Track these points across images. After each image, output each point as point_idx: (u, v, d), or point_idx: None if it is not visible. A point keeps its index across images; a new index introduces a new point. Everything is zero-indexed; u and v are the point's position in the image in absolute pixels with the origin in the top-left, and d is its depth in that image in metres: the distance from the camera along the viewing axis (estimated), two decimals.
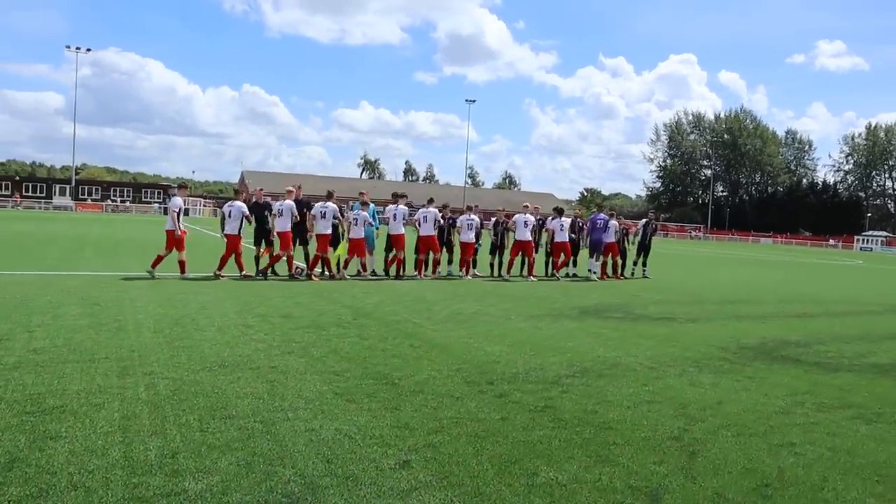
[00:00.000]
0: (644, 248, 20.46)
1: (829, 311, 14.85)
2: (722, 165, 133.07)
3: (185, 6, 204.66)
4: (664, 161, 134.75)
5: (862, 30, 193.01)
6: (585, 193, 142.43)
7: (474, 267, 18.01)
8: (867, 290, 21.58)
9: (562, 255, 18.53)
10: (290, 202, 15.22)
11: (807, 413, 6.28)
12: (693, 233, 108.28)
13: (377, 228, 17.00)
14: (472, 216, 17.79)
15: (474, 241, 17.63)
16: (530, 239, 17.80)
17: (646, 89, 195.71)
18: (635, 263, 20.43)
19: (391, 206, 16.87)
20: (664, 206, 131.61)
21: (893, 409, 6.55)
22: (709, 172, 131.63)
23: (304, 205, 15.81)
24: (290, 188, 15.90)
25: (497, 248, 18.37)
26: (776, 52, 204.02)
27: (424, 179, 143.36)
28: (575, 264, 19.88)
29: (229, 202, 15.02)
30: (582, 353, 8.48)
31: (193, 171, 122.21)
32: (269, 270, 15.17)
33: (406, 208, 17.09)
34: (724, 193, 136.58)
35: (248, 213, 14.75)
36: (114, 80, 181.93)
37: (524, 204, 18.67)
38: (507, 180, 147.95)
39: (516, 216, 17.99)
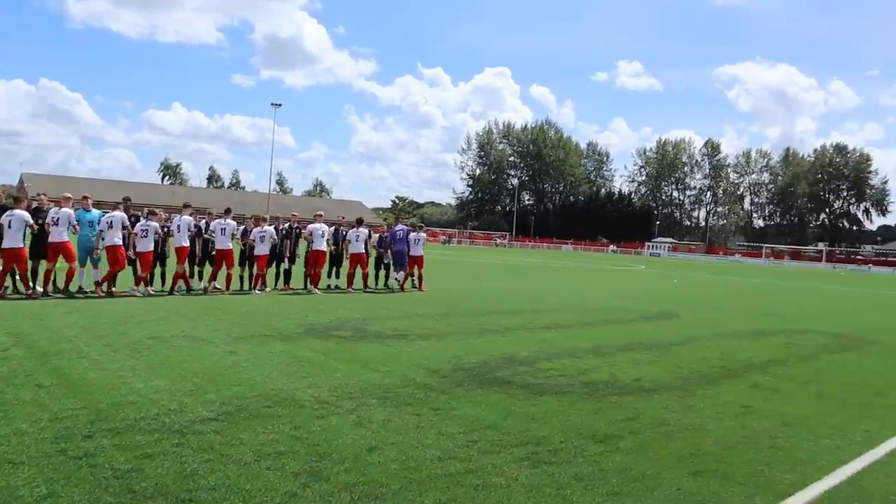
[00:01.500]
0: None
1: (583, 320, 14.51)
2: (528, 175, 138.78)
3: None
4: (474, 170, 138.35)
5: (656, 53, 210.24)
6: (397, 202, 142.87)
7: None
8: (635, 296, 22.02)
9: (358, 266, 18.04)
10: (67, 210, 13.69)
11: (470, 457, 5.18)
12: (498, 240, 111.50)
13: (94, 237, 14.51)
14: (265, 228, 16.63)
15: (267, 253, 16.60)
16: (325, 249, 17.30)
17: (462, 100, 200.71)
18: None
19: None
20: (473, 214, 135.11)
21: (576, 444, 5.64)
22: (516, 181, 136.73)
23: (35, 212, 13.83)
24: (68, 195, 14.34)
25: (288, 258, 17.47)
26: (582, 69, 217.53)
27: (230, 186, 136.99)
28: (338, 275, 18.50)
29: (8, 211, 13.05)
30: (254, 386, 7.03)
31: None
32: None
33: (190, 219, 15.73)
34: (531, 202, 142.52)
35: (31, 221, 13.12)
36: None
37: (317, 213, 18.14)
38: (317, 188, 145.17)
39: (310, 226, 17.23)
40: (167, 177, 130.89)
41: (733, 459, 5.45)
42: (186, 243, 15.37)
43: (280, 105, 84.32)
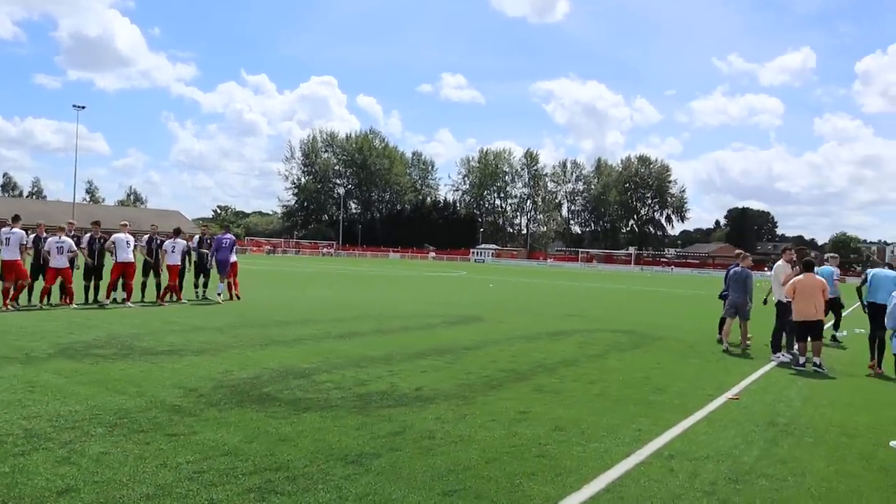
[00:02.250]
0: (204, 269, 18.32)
1: (383, 327, 14.00)
2: (354, 183, 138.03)
3: None
4: (299, 179, 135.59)
5: (478, 67, 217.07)
6: (219, 211, 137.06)
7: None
8: (445, 301, 21.88)
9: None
10: None
11: (189, 492, 4.41)
12: (324, 250, 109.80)
13: None
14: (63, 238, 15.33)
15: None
16: (132, 260, 16.28)
17: (288, 108, 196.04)
18: (196, 285, 18.12)
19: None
20: (300, 223, 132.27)
21: (323, 467, 5.03)
22: (342, 190, 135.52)
23: None
24: None
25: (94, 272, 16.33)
26: (408, 80, 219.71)
27: (30, 195, 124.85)
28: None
29: None
30: None
31: None
32: None
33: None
34: (358, 211, 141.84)
35: None
36: None
37: (122, 222, 16.94)
38: (131, 197, 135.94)
39: (115, 235, 16.09)
40: None
41: (493, 473, 5.02)
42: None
43: (83, 107, 77.95)
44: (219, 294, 17.84)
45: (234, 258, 18.33)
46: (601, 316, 18.89)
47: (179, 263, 17.06)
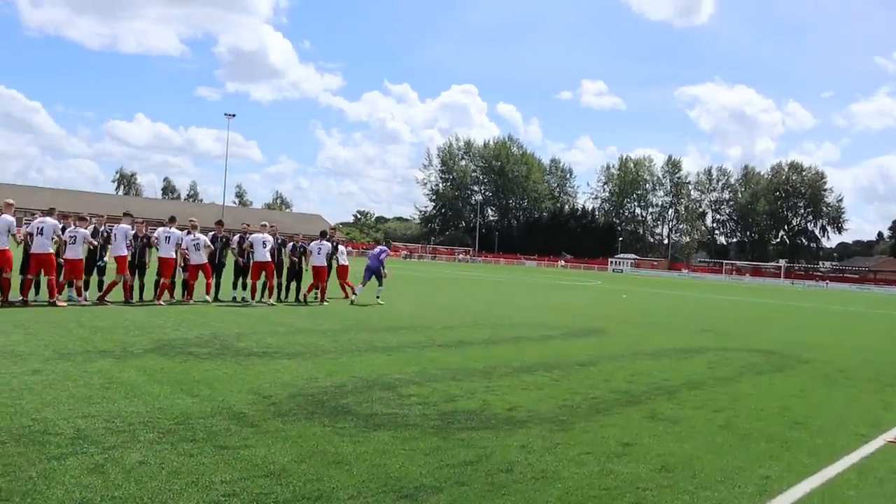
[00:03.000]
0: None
1: (495, 337, 13.30)
2: (492, 190, 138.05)
3: None
4: (437, 185, 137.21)
5: (619, 73, 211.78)
6: (359, 216, 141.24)
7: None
8: (571, 311, 20.75)
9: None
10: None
11: None
12: (461, 255, 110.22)
13: None
14: (198, 235, 15.83)
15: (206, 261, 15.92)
16: (269, 260, 16.41)
17: (430, 116, 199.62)
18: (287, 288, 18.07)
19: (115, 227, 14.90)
20: (437, 229, 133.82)
21: (371, 499, 4.21)
22: (480, 197, 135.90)
23: None
24: (10, 201, 13.40)
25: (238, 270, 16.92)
26: (548, 88, 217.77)
27: (188, 198, 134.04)
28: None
29: None
30: (11, 414, 5.63)
31: None
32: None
33: (127, 227, 14.80)
34: (495, 217, 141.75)
35: None
36: None
37: (262, 223, 17.29)
38: (277, 200, 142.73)
39: (252, 236, 16.40)
40: (121, 187, 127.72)
41: None
42: (124, 252, 14.60)
43: (234, 115, 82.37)
44: (377, 297, 18.40)
45: (344, 261, 18.13)
46: (740, 332, 17.10)
47: (269, 259, 16.63)
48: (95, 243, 14.40)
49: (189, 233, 15.81)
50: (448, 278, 41.18)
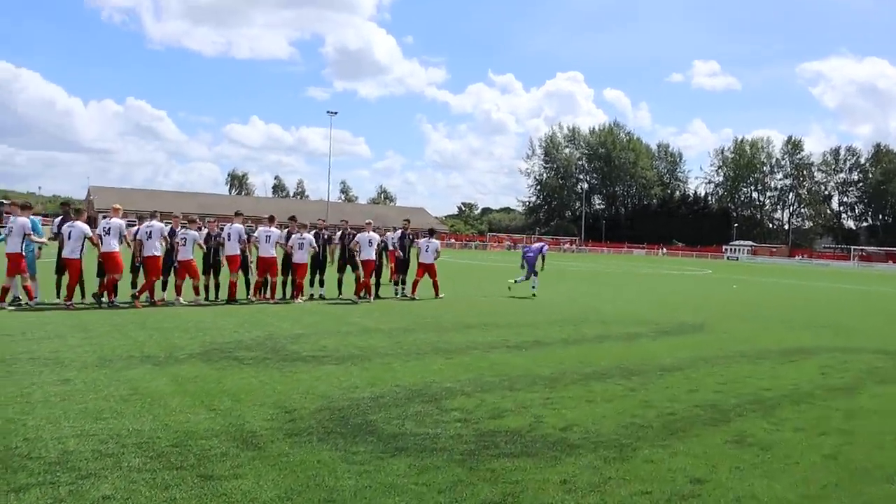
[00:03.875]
0: (406, 263, 17.57)
1: (576, 336, 12.25)
2: (598, 178, 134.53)
3: (59, 17, 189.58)
4: (541, 175, 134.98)
5: (733, 52, 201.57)
6: (463, 208, 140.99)
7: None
8: (670, 304, 19.22)
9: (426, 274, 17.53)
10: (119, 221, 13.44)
11: None
12: (566, 245, 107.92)
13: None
14: (305, 234, 15.71)
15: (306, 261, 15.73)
16: (374, 258, 16.23)
17: (535, 105, 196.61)
18: (396, 282, 17.44)
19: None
20: (542, 219, 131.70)
21: None
22: (585, 185, 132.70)
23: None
24: (117, 206, 14.19)
25: (346, 264, 16.74)
26: (656, 70, 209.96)
27: (295, 195, 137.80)
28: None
29: (69, 222, 12.92)
30: (7, 433, 5.08)
31: (40, 187, 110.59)
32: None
33: (241, 227, 15.09)
34: (602, 206, 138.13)
35: (90, 234, 12.90)
36: None
37: (367, 221, 17.06)
38: (381, 195, 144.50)
39: (359, 235, 16.18)
40: (234, 187, 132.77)
41: None
42: (237, 252, 14.82)
43: (336, 113, 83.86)
44: (533, 287, 19.19)
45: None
46: (865, 329, 15.11)
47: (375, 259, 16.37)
48: (204, 246, 14.53)
49: (295, 231, 15.70)
50: (548, 270, 39.81)
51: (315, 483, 4.46)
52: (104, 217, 13.70)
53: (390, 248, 17.34)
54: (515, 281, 19.46)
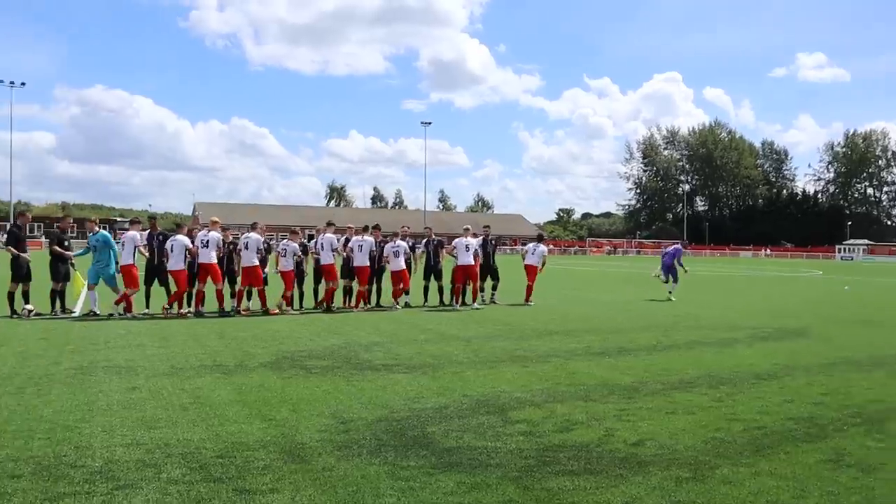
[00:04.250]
0: (490, 270, 17.17)
1: (664, 342, 11.53)
2: (700, 179, 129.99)
3: (167, 44, 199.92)
4: (640, 178, 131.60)
5: (840, 42, 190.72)
6: (562, 214, 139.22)
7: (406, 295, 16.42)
8: (772, 308, 18.03)
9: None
10: (216, 234, 14.00)
11: None
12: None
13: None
14: (398, 242, 15.79)
15: (404, 268, 15.79)
16: (473, 263, 15.99)
17: (632, 108, 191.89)
18: (482, 290, 17.10)
19: (319, 235, 15.38)
20: (643, 223, 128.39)
21: None
22: (687, 187, 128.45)
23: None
24: (215, 219, 14.73)
25: (431, 272, 16.63)
26: (758, 66, 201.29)
27: (394, 205, 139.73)
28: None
29: (172, 236, 13.69)
30: (58, 440, 5.31)
31: (150, 205, 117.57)
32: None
33: (333, 236, 15.36)
34: (704, 207, 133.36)
35: (191, 246, 13.57)
36: (103, 118, 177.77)
37: (465, 227, 17.03)
38: (479, 203, 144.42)
39: (456, 240, 16.23)
40: (332, 199, 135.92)
41: None
42: (331, 261, 15.11)
43: (430, 123, 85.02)
44: (670, 293, 19.09)
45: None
46: None
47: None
48: (301, 256, 14.76)
49: (390, 240, 15.88)
50: (643, 274, 38.50)
51: (353, 500, 4.18)
52: (202, 230, 14.18)
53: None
54: (669, 293, 19.29)
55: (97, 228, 13.64)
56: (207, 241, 13.65)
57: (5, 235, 13.37)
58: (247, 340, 10.55)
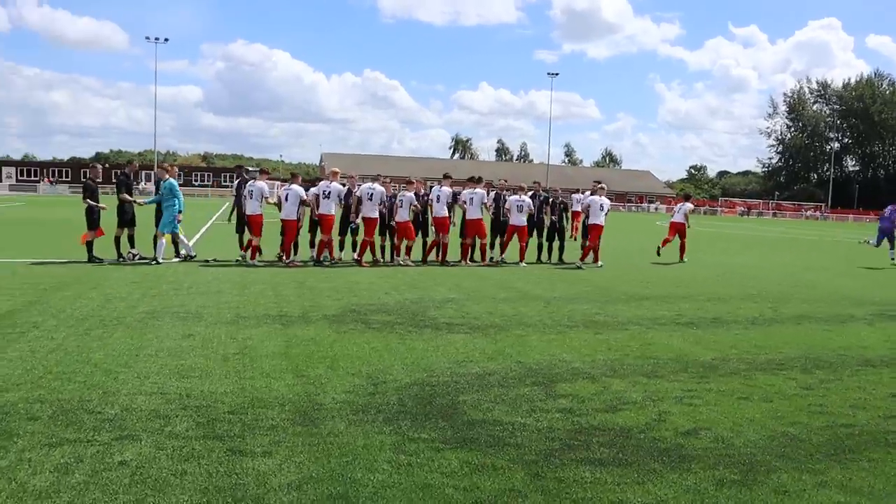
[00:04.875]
0: (540, 227, 16.50)
1: (770, 315, 10.45)
2: (852, 137, 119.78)
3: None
4: (783, 135, 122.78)
5: None
6: (693, 171, 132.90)
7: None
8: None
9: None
10: (338, 185, 14.12)
11: None
12: (808, 212, 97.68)
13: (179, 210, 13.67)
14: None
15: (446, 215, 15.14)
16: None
17: (781, 59, 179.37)
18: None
19: (435, 188, 15.24)
20: (783, 183, 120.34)
21: None
22: (836, 146, 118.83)
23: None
24: (336, 170, 14.66)
25: (494, 229, 15.90)
26: None
27: (518, 158, 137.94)
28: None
29: (286, 185, 13.98)
30: (95, 385, 5.32)
31: (280, 155, 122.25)
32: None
33: (449, 189, 15.14)
34: (856, 168, 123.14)
35: (305, 196, 13.68)
36: (244, 73, 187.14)
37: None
38: (606, 158, 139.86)
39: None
40: (457, 151, 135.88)
41: None
42: (446, 213, 14.88)
43: (557, 74, 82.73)
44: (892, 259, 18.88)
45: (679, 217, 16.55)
46: None
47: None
48: (419, 207, 14.73)
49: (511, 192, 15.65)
50: (776, 238, 35.97)
51: (339, 473, 3.87)
52: (323, 181, 14.34)
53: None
54: (868, 242, 19.60)
55: (167, 176, 13.61)
56: (329, 192, 13.71)
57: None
58: (323, 291, 10.50)
